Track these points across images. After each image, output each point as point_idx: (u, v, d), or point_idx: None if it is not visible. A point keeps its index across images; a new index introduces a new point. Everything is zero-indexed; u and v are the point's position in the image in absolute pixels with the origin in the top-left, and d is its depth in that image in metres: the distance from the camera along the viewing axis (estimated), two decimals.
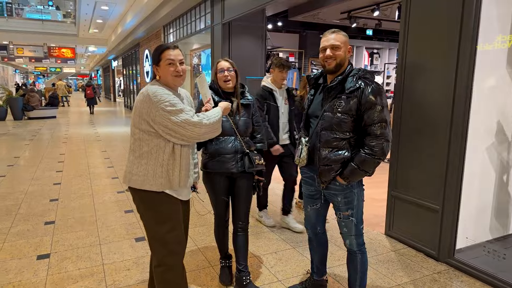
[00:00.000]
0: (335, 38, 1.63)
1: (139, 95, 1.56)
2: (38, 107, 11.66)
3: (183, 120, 1.49)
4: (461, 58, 2.20)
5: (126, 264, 2.40)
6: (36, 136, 7.97)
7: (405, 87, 2.61)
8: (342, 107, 1.58)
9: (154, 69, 1.62)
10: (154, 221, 1.59)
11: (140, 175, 1.54)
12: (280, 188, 4.34)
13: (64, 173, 4.78)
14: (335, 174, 1.64)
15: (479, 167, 2.50)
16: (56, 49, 16.90)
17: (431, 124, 2.43)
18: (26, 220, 3.15)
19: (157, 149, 1.54)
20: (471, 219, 2.52)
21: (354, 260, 1.75)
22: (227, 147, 1.93)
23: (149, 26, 9.50)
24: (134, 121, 1.55)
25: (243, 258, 2.06)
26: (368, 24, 8.65)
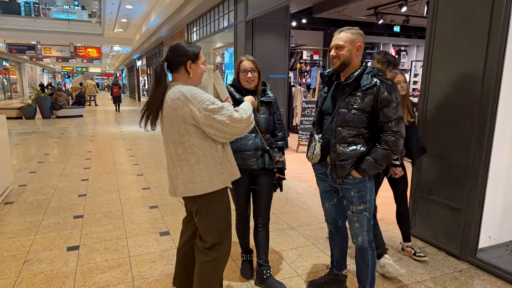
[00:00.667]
0: (340, 38, 1.67)
1: (171, 101, 1.48)
2: (65, 106, 12.13)
3: (226, 117, 1.47)
4: (490, 54, 2.16)
5: (151, 257, 2.45)
6: (64, 134, 8.29)
7: (430, 86, 2.58)
8: (357, 104, 1.62)
9: (188, 65, 1.56)
10: (221, 215, 1.64)
11: (205, 180, 1.54)
12: (301, 186, 4.32)
13: (92, 170, 4.92)
14: (350, 168, 1.68)
15: (505, 166, 2.45)
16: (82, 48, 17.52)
17: (455, 122, 2.40)
18: (56, 214, 3.25)
19: (211, 149, 1.54)
20: (495, 219, 2.49)
21: (365, 256, 1.78)
22: (247, 144, 1.94)
23: (173, 24, 9.64)
24: (178, 130, 1.49)
25: (263, 253, 2.10)
26: (396, 20, 8.35)
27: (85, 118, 11.99)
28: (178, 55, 1.55)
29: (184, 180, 1.54)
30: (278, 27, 5.96)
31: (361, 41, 1.68)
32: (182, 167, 1.54)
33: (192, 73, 1.58)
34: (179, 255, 1.88)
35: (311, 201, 3.72)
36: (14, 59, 23.26)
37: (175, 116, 1.48)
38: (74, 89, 18.80)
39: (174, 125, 1.50)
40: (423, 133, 2.64)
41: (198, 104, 1.46)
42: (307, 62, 9.44)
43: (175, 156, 1.55)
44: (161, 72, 1.54)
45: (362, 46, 1.67)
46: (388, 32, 9.73)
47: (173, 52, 1.56)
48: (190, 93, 1.48)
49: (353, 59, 1.67)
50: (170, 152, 1.57)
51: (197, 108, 1.45)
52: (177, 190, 1.58)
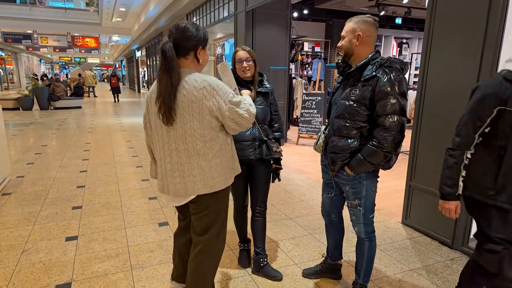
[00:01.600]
0: (344, 28, 1.62)
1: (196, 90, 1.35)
2: (63, 97, 12.03)
3: (245, 110, 1.45)
4: (486, 49, 2.17)
5: (150, 246, 2.46)
6: (62, 126, 8.24)
7: (428, 79, 2.59)
8: (355, 96, 1.55)
9: (198, 51, 1.42)
10: (224, 211, 1.61)
11: (222, 175, 1.49)
12: (300, 178, 4.33)
13: (90, 161, 4.90)
14: (342, 163, 1.62)
15: None
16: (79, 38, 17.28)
17: (450, 114, 2.42)
18: (55, 205, 3.25)
19: (225, 144, 1.51)
20: None
21: (362, 246, 1.79)
22: (245, 134, 1.95)
23: (172, 14, 9.51)
24: (201, 121, 1.37)
25: (260, 242, 2.13)
26: (398, 12, 8.25)
27: (83, 110, 11.92)
28: (188, 39, 1.38)
29: (203, 177, 1.43)
30: (278, 18, 5.87)
31: (363, 29, 1.56)
32: (200, 162, 1.42)
33: (201, 60, 1.46)
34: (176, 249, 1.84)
35: (309, 192, 3.72)
36: (10, 49, 22.97)
37: (201, 107, 1.36)
38: (72, 80, 18.63)
39: (195, 117, 1.37)
40: (419, 124, 2.67)
41: (224, 96, 1.39)
42: (308, 54, 9.34)
43: (193, 151, 1.41)
44: (172, 57, 1.35)
45: (363, 35, 1.55)
46: (390, 24, 9.61)
47: (182, 35, 1.38)
48: (216, 83, 1.40)
49: (354, 49, 1.58)
50: (186, 146, 1.41)
51: (223, 100, 1.39)
52: (192, 188, 1.44)
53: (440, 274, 2.18)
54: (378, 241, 2.61)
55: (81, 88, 13.85)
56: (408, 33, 10.41)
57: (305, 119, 6.10)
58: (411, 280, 2.11)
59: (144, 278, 2.08)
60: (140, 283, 2.03)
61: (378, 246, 2.53)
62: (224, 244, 1.67)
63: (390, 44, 10.23)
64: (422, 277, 2.14)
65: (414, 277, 2.15)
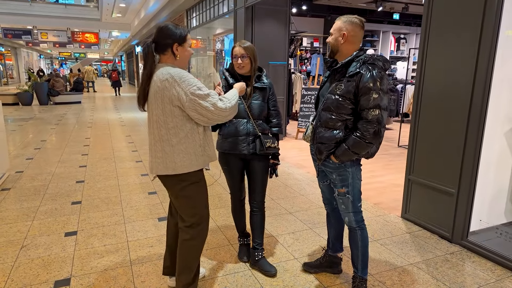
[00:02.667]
0: (333, 25, 1.72)
1: (160, 81, 1.52)
2: (63, 92, 12.00)
3: (211, 104, 1.54)
4: (483, 44, 2.19)
5: (149, 242, 2.46)
6: (62, 121, 8.23)
7: (426, 72, 2.59)
8: (341, 90, 1.65)
9: (174, 48, 1.57)
10: (197, 196, 1.69)
11: (184, 160, 1.59)
12: (300, 172, 4.32)
13: (90, 156, 4.89)
14: (328, 152, 1.72)
15: (496, 152, 2.50)
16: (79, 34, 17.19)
17: (449, 108, 2.43)
18: (54, 200, 3.24)
19: (192, 132, 1.60)
20: (486, 203, 2.55)
21: (355, 237, 1.82)
22: (239, 129, 1.97)
23: (172, 10, 9.44)
24: (163, 110, 1.53)
25: (258, 236, 2.15)
26: (395, 8, 8.27)
27: (83, 105, 11.89)
28: (165, 37, 1.57)
29: (164, 159, 1.59)
30: (278, 14, 5.84)
31: (349, 29, 1.67)
32: (164, 147, 1.59)
33: (179, 56, 1.60)
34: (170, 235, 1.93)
35: (309, 187, 3.72)
36: (9, 44, 22.86)
37: (162, 97, 1.52)
38: (72, 75, 18.59)
39: (159, 106, 1.54)
40: (418, 118, 2.68)
41: (186, 87, 1.50)
42: (307, 49, 9.30)
43: (158, 136, 1.59)
44: (148, 53, 1.57)
45: (348, 35, 1.66)
46: (388, 20, 9.59)
47: (160, 33, 1.58)
48: (179, 75, 1.51)
49: (339, 47, 1.70)
50: (153, 131, 1.61)
51: (184, 91, 1.50)
52: (156, 168, 1.63)
53: (439, 268, 2.18)
54: (378, 236, 2.62)
55: (81, 83, 13.82)
56: (406, 28, 10.41)
57: (304, 114, 6.11)
58: (411, 274, 2.12)
59: (144, 273, 2.08)
60: (139, 278, 2.03)
61: (378, 241, 2.54)
62: (205, 233, 1.74)
63: (388, 40, 10.21)
64: (421, 271, 2.14)
65: (414, 271, 2.15)
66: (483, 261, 2.27)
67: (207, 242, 2.45)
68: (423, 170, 2.67)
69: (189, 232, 1.70)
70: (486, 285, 2.01)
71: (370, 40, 10.27)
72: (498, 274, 2.13)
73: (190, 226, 1.70)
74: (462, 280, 2.05)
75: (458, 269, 2.17)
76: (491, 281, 2.05)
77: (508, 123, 2.50)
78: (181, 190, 1.65)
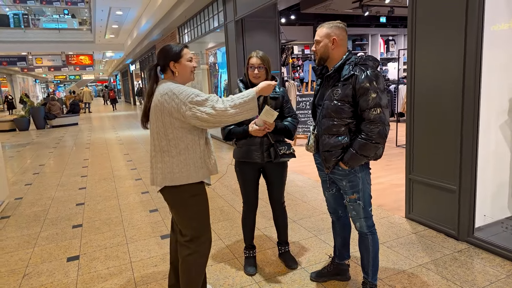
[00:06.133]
0: (318, 33, 1.72)
1: (160, 95, 1.57)
2: (59, 115, 12.03)
3: (210, 107, 1.54)
4: (468, 40, 2.22)
5: (153, 261, 2.42)
6: (60, 143, 8.22)
7: (416, 71, 2.62)
8: (338, 95, 1.64)
9: (171, 66, 1.63)
10: (200, 207, 1.69)
11: (183, 171, 1.61)
12: (301, 179, 4.31)
13: (89, 178, 4.87)
14: (336, 159, 1.70)
15: (493, 146, 2.52)
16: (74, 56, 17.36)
17: (442, 105, 2.45)
18: (55, 225, 3.21)
19: (193, 143, 1.62)
20: (488, 197, 2.55)
21: (365, 241, 1.80)
22: (253, 139, 2.01)
23: (164, 28, 9.59)
24: (163, 122, 1.57)
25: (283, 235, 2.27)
26: (381, 11, 8.44)
27: (80, 126, 11.90)
28: (162, 58, 1.65)
29: (163, 170, 1.61)
30: (267, 25, 5.96)
31: (337, 34, 1.68)
32: (163, 158, 1.61)
33: (178, 72, 1.64)
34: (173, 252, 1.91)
35: (311, 193, 3.70)
36: (5, 71, 23.04)
37: (162, 109, 1.56)
38: (68, 97, 18.77)
39: (159, 118, 1.58)
40: (412, 117, 2.69)
41: (184, 98, 1.54)
42: (299, 56, 9.43)
43: (158, 147, 1.62)
44: (150, 74, 1.67)
45: (338, 39, 1.67)
46: (375, 23, 9.78)
47: (158, 55, 1.68)
48: (178, 89, 1.57)
49: (330, 53, 1.69)
50: (154, 142, 1.65)
51: (182, 102, 1.53)
52: (156, 179, 1.65)
53: (449, 268, 2.15)
54: (384, 238, 2.59)
55: (77, 105, 13.88)
56: (393, 30, 10.61)
57: (301, 120, 6.14)
58: (420, 275, 2.09)
59: None
60: None
61: (384, 243, 2.51)
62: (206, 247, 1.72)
63: (377, 42, 10.38)
64: (431, 272, 2.11)
65: (423, 272, 2.12)
66: (491, 257, 2.25)
67: (211, 257, 2.41)
68: (423, 168, 2.67)
69: (190, 246, 1.68)
70: (498, 281, 1.98)
71: (359, 44, 10.41)
72: (508, 269, 2.10)
73: (190, 240, 1.68)
74: (472, 278, 2.02)
75: (468, 267, 2.14)
76: (502, 277, 2.02)
77: (502, 115, 2.52)
78: (181, 202, 1.65)
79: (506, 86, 2.51)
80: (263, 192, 2.31)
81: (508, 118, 2.54)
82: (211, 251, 2.34)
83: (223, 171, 4.47)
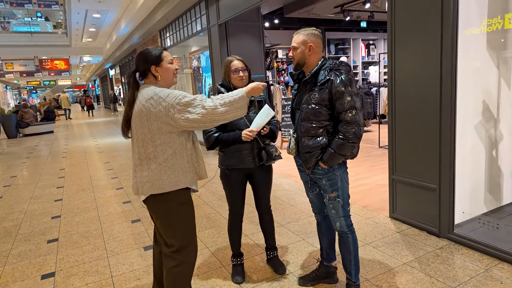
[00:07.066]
0: (294, 39, 1.79)
1: (145, 100, 1.51)
2: (33, 123, 11.47)
3: (199, 106, 1.50)
4: (444, 44, 2.30)
5: (136, 274, 2.30)
6: (33, 153, 7.81)
7: (396, 75, 2.69)
8: (315, 99, 1.71)
9: (153, 70, 1.58)
10: (187, 216, 1.63)
11: (172, 177, 1.55)
12: (287, 182, 4.26)
13: (66, 189, 4.61)
14: (316, 159, 1.76)
15: (470, 145, 2.62)
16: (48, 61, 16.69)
17: (421, 107, 2.52)
18: (27, 240, 2.99)
19: (181, 148, 1.57)
20: (466, 195, 2.65)
21: (346, 241, 1.84)
22: (243, 144, 1.96)
23: (145, 31, 9.37)
24: (149, 128, 1.51)
25: (271, 239, 2.23)
26: (362, 16, 8.67)
27: (56, 134, 11.40)
28: (142, 62, 1.59)
29: (150, 178, 1.54)
30: (251, 28, 5.94)
31: (314, 41, 1.74)
32: (150, 165, 1.54)
33: (160, 76, 1.59)
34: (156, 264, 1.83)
35: (298, 196, 3.67)
36: None
37: (148, 115, 1.50)
38: (42, 104, 18.01)
39: (144, 124, 1.51)
40: (394, 118, 2.74)
41: (171, 100, 1.48)
42: (283, 60, 9.49)
43: (144, 154, 1.55)
44: (129, 81, 1.60)
45: (314, 46, 1.74)
46: (356, 28, 10.01)
47: (137, 60, 1.61)
48: (163, 92, 1.51)
49: (306, 59, 1.76)
50: (139, 150, 1.57)
51: (170, 104, 1.48)
52: (142, 188, 1.56)
53: (431, 265, 2.19)
54: (369, 238, 2.61)
55: (52, 112, 13.30)
56: (374, 35, 10.90)
57: (286, 123, 6.14)
58: (405, 274, 2.11)
59: None
60: None
61: (370, 244, 2.52)
62: (193, 257, 1.66)
63: (358, 46, 10.63)
64: (415, 270, 2.14)
65: (408, 270, 2.15)
66: (470, 252, 2.31)
67: (197, 266, 2.31)
68: (405, 169, 2.72)
69: (176, 257, 1.61)
70: (477, 276, 2.04)
71: (342, 48, 10.61)
72: (486, 263, 2.17)
73: (177, 250, 1.61)
74: (454, 274, 2.07)
75: (449, 263, 2.19)
76: (481, 271, 2.08)
77: (477, 116, 2.61)
78: (167, 212, 1.58)
79: (480, 88, 2.61)
80: (248, 198, 2.24)
81: (483, 119, 2.64)
82: (197, 260, 2.26)
83: (210, 176, 4.36)
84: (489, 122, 2.69)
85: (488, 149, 2.73)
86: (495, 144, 2.75)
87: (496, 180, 2.83)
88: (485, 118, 2.65)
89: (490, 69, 2.62)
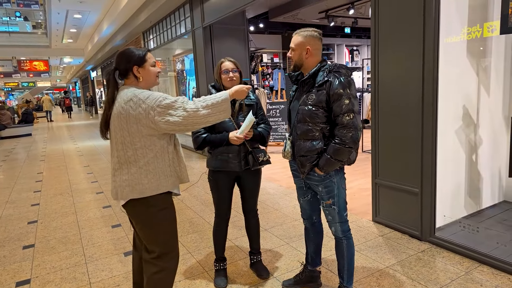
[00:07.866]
0: (293, 40, 1.74)
1: (124, 102, 1.46)
2: (10, 125, 11.05)
3: (181, 108, 1.47)
4: (426, 51, 2.35)
5: (116, 280, 2.25)
6: (10, 156, 7.51)
7: (379, 80, 2.75)
8: (312, 100, 1.67)
9: (135, 71, 1.53)
10: (168, 221, 1.59)
11: (152, 182, 1.51)
12: (272, 186, 4.28)
13: (43, 193, 4.46)
14: (311, 164, 1.71)
15: (450, 150, 2.68)
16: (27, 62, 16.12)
17: (404, 112, 2.56)
18: (2, 246, 2.87)
19: (162, 151, 1.53)
20: (447, 198, 2.70)
21: (341, 247, 1.82)
22: (230, 146, 1.94)
23: (127, 33, 9.24)
24: (129, 131, 1.47)
25: (256, 243, 2.23)
26: (346, 22, 8.85)
27: (34, 137, 11.01)
28: (124, 61, 1.54)
29: (130, 182, 1.49)
30: (236, 32, 5.95)
31: (312, 43, 1.70)
32: (130, 169, 1.50)
33: (142, 78, 1.55)
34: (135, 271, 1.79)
35: (282, 200, 3.69)
36: None
37: (127, 117, 1.45)
38: (20, 106, 17.39)
39: (124, 127, 1.47)
40: (377, 123, 2.80)
41: (151, 102, 1.44)
42: (268, 65, 9.56)
43: (124, 158, 1.51)
44: (108, 80, 1.55)
45: (312, 49, 1.70)
46: (340, 34, 10.22)
47: (119, 58, 1.55)
48: (143, 94, 1.47)
49: (304, 61, 1.72)
50: (118, 154, 1.52)
51: (150, 106, 1.44)
52: (122, 193, 1.51)
53: (414, 268, 2.22)
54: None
55: (31, 114, 12.86)
56: (357, 41, 11.16)
57: (272, 127, 6.16)
58: (388, 277, 2.13)
59: None
60: None
61: None
62: (175, 263, 1.63)
63: (342, 52, 10.86)
64: (397, 273, 2.17)
65: (390, 273, 2.17)
66: (451, 255, 2.35)
67: (179, 272, 2.28)
68: (388, 173, 2.76)
69: (157, 264, 1.57)
70: (458, 279, 2.08)
71: (326, 53, 10.80)
72: (466, 266, 2.22)
73: (158, 257, 1.57)
74: (435, 277, 2.10)
75: (431, 266, 2.23)
76: (461, 274, 2.12)
77: (457, 121, 2.69)
78: (148, 217, 1.54)
79: (460, 94, 2.69)
80: (235, 202, 2.24)
81: (463, 124, 2.72)
82: (179, 266, 2.24)
83: (194, 180, 4.33)
84: (469, 127, 2.76)
85: (468, 154, 2.79)
86: (475, 148, 2.82)
87: (476, 184, 2.89)
88: (465, 123, 2.72)
89: (470, 75, 2.69)
